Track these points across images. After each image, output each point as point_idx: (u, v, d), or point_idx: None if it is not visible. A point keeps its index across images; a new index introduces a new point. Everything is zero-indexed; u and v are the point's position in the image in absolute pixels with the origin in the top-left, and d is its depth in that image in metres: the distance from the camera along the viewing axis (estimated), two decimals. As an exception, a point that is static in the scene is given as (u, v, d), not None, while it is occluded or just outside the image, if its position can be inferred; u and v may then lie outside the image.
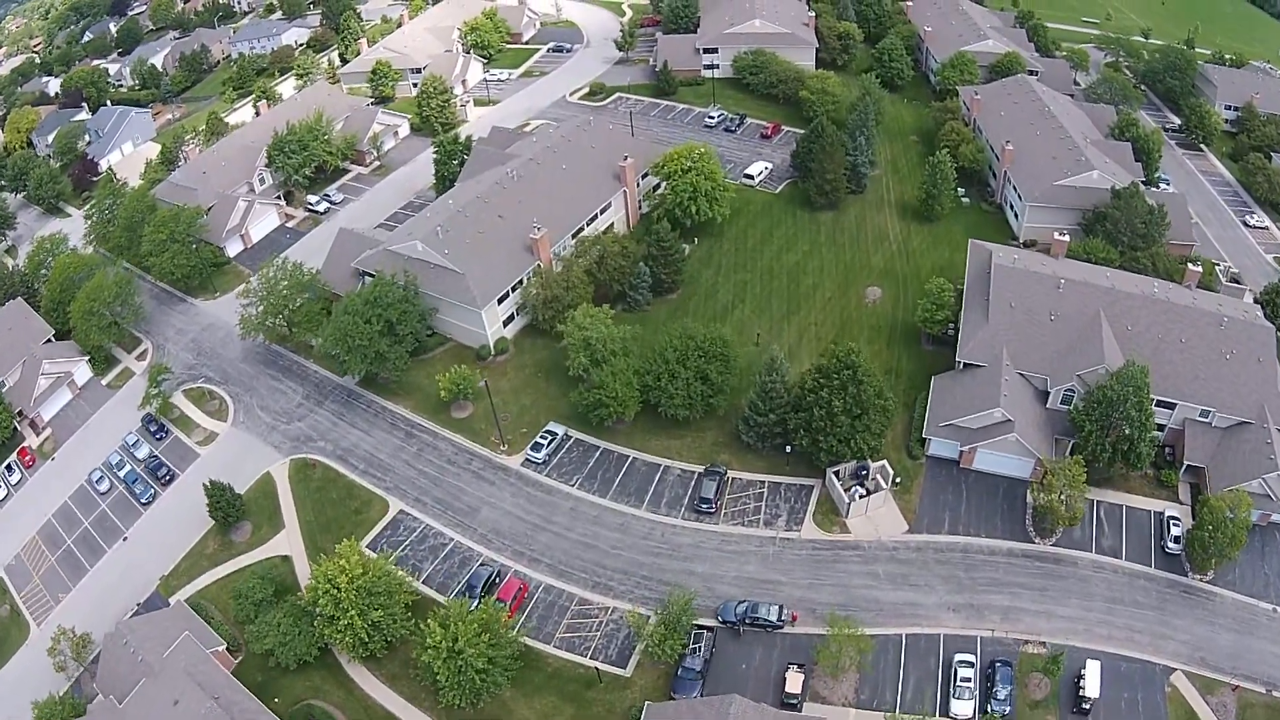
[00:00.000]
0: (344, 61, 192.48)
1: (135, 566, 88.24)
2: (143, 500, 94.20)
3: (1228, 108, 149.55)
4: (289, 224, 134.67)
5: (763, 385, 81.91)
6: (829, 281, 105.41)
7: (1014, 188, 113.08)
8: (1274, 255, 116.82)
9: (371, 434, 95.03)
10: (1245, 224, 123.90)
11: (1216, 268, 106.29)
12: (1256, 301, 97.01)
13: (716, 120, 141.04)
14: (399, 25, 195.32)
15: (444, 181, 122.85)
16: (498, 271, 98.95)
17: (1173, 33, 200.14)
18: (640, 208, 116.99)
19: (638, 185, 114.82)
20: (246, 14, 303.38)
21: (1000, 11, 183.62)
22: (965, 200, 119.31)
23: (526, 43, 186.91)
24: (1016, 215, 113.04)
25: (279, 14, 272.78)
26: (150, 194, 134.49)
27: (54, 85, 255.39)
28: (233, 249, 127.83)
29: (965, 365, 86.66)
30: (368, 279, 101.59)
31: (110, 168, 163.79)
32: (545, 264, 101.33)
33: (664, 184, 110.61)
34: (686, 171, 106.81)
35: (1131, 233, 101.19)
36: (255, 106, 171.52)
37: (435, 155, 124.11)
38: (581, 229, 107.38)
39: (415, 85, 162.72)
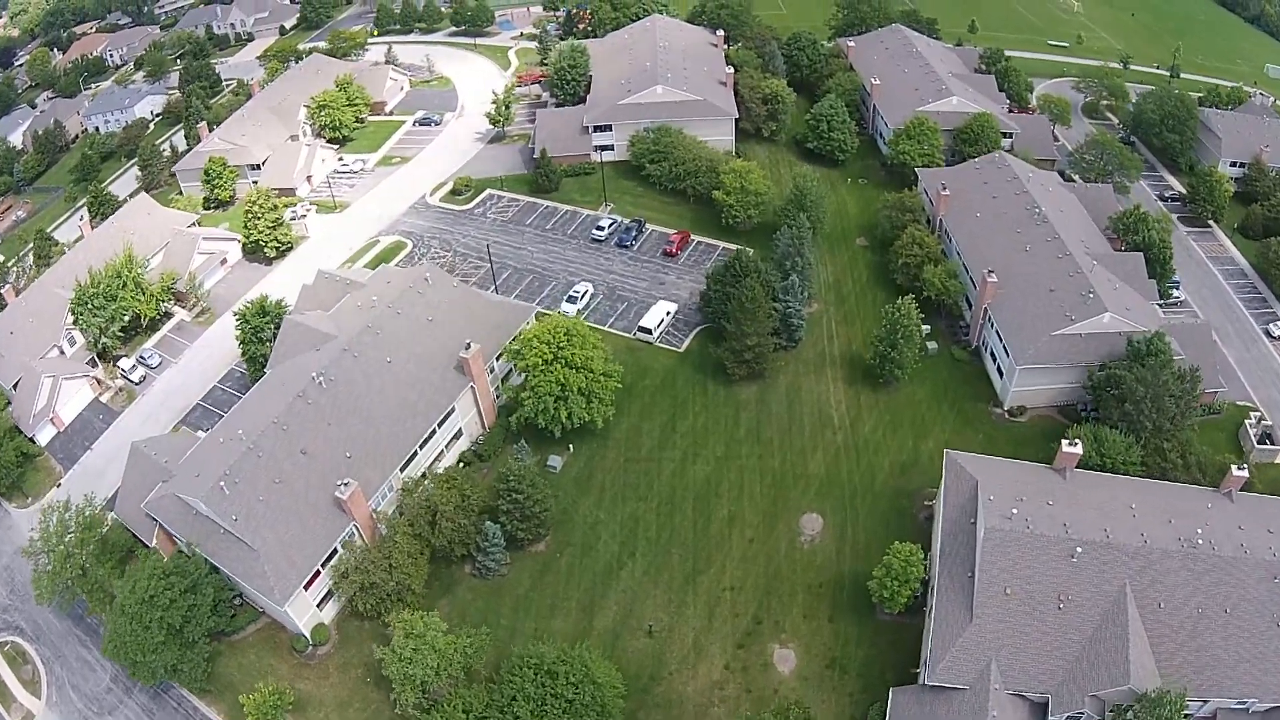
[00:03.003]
0: (189, 146, 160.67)
1: None
2: None
3: (1233, 164, 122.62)
4: (103, 397, 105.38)
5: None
6: (751, 509, 76.78)
7: (998, 333, 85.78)
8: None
9: (183, 749, 69.99)
10: (1269, 334, 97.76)
11: (1246, 422, 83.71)
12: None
13: (607, 230, 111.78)
14: (248, 97, 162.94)
15: (255, 364, 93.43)
16: (302, 543, 69.92)
17: (1151, 54, 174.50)
18: (497, 397, 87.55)
19: (491, 371, 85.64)
20: (118, 67, 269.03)
21: (959, 47, 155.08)
22: (931, 345, 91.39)
23: (391, 113, 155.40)
24: (1002, 373, 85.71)
25: (144, 72, 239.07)
26: None
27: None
28: (44, 436, 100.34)
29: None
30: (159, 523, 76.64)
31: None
32: (363, 526, 72.36)
33: (523, 377, 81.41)
34: (551, 362, 78.05)
35: (1158, 413, 74.36)
36: (80, 225, 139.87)
37: (238, 333, 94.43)
38: (415, 454, 78.43)
39: (255, 184, 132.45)
